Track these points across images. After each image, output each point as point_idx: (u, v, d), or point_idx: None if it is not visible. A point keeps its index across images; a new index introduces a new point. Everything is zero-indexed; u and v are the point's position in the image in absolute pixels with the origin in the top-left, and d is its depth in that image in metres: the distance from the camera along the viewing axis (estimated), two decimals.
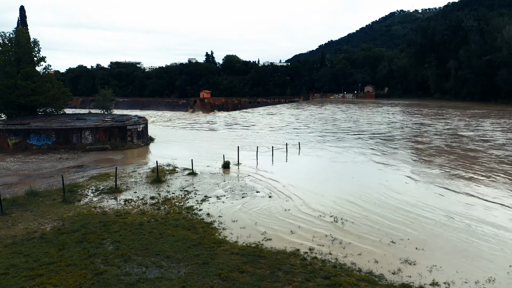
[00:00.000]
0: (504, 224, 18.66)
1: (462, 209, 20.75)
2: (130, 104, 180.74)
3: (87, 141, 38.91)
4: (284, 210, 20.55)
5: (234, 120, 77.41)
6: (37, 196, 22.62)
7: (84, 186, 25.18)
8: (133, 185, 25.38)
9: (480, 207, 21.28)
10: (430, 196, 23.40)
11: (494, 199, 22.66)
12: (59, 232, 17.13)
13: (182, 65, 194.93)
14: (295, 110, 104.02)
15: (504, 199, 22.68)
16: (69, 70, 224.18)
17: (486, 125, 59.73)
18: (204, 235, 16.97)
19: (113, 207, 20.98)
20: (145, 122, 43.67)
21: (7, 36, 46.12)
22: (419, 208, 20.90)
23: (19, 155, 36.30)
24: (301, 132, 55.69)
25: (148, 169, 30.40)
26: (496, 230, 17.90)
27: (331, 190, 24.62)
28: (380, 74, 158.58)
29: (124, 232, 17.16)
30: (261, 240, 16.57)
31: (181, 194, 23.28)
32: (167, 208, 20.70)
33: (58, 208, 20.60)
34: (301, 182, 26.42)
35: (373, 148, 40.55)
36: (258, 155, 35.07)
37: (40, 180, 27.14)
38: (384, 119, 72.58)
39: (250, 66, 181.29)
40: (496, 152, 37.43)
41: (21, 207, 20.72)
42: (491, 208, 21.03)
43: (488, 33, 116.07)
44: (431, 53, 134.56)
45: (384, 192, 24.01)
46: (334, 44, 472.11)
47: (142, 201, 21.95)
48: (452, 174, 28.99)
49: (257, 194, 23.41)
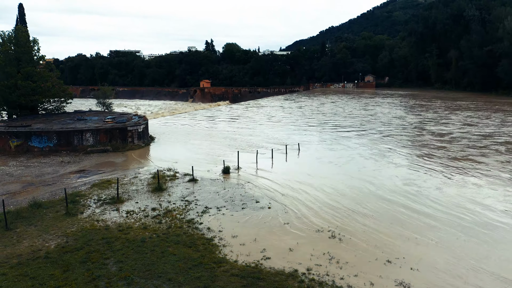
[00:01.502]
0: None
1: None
2: (130, 93, 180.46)
3: (88, 142, 39.22)
4: (283, 223, 20.97)
5: (234, 113, 77.54)
6: (41, 207, 23.05)
7: (86, 196, 25.57)
8: (134, 194, 25.77)
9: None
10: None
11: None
12: (63, 251, 17.56)
13: (182, 54, 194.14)
14: (295, 103, 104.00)
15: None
16: (69, 59, 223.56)
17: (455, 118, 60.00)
18: (205, 253, 17.40)
19: (116, 220, 21.39)
20: (146, 122, 43.91)
21: (7, 36, 46.07)
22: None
23: (21, 158, 36.64)
24: (300, 129, 55.99)
25: (149, 174, 30.76)
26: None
27: (329, 199, 24.99)
28: (380, 63, 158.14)
29: (126, 250, 17.59)
30: (260, 259, 17.00)
31: (182, 205, 23.67)
32: (169, 221, 21.12)
33: (62, 222, 21.02)
34: (299, 190, 26.80)
35: (375, 153, 40.89)
36: (258, 156, 35.39)
37: (43, 188, 27.53)
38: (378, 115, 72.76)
39: (250, 55, 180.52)
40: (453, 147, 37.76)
41: (25, 220, 21.13)
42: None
43: (490, 23, 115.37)
44: (432, 43, 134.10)
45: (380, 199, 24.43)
46: (335, 31, 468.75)
47: (143, 213, 22.37)
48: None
49: (257, 205, 23.80)
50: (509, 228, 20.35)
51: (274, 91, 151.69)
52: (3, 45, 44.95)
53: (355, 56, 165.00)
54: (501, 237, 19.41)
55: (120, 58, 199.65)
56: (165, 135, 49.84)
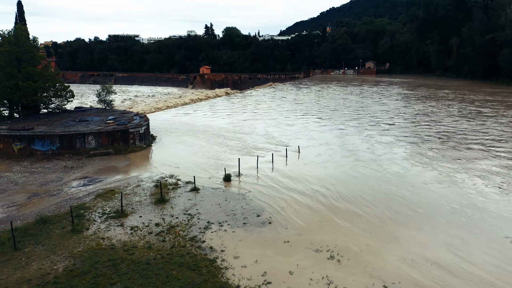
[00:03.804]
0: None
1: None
2: (130, 79, 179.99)
3: (90, 145, 39.66)
4: (283, 242, 21.59)
5: (233, 105, 77.72)
6: (47, 223, 23.69)
7: (91, 208, 26.15)
8: (138, 207, 26.35)
9: None
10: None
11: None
12: (71, 275, 18.19)
13: (181, 39, 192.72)
14: (296, 93, 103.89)
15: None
16: (67, 44, 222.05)
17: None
18: (208, 277, 18.06)
19: (120, 237, 22.00)
20: (147, 123, 44.24)
21: (6, 36, 45.93)
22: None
23: (25, 162, 37.13)
24: (302, 130, 56.42)
25: (151, 182, 31.29)
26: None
27: (329, 212, 25.60)
28: (381, 49, 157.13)
29: (132, 274, 18.23)
30: (261, 284, 17.64)
31: (184, 220, 24.27)
32: (172, 239, 21.74)
33: (68, 240, 21.64)
34: (298, 201, 27.42)
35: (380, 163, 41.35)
36: (258, 157, 35.92)
37: (48, 199, 28.11)
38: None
39: (250, 41, 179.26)
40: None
41: (33, 239, 21.75)
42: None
43: (492, 10, 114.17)
44: (433, 29, 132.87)
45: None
46: (335, 12, 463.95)
47: (147, 229, 22.98)
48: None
49: (258, 219, 24.39)
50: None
51: (274, 78, 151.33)
52: (3, 45, 44.90)
53: (356, 42, 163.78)
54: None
55: (119, 43, 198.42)
56: (166, 134, 50.13)
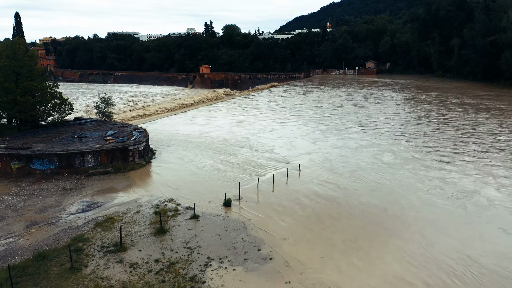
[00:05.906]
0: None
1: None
2: (129, 78, 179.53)
3: (89, 164, 39.30)
4: (284, 283, 21.35)
5: (233, 112, 77.30)
6: (45, 259, 23.44)
7: (90, 240, 25.88)
8: (137, 238, 26.09)
9: None
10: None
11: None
12: None
13: (181, 37, 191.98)
14: (295, 96, 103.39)
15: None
16: (66, 42, 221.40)
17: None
18: None
19: (119, 277, 21.76)
20: (146, 139, 43.81)
21: (4, 50, 45.35)
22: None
23: (23, 183, 36.77)
24: (301, 138, 56.13)
25: (151, 208, 31.00)
26: None
27: (330, 245, 25.36)
28: (382, 48, 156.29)
29: None
30: None
31: (184, 255, 24.01)
32: (172, 279, 21.50)
33: (67, 281, 21.39)
34: (301, 227, 27.26)
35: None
36: (259, 178, 35.68)
37: (46, 228, 27.82)
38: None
39: (250, 40, 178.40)
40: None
41: (31, 279, 21.48)
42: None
43: (494, 11, 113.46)
44: (434, 29, 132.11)
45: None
46: (336, 7, 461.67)
47: (147, 266, 22.75)
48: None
49: (259, 254, 24.15)
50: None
51: (274, 78, 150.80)
52: (1, 60, 44.34)
53: (357, 41, 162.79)
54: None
55: (119, 42, 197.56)
56: (166, 147, 49.63)
